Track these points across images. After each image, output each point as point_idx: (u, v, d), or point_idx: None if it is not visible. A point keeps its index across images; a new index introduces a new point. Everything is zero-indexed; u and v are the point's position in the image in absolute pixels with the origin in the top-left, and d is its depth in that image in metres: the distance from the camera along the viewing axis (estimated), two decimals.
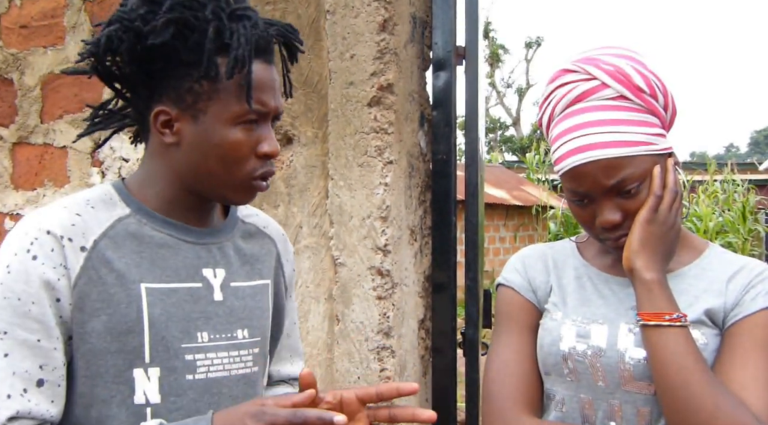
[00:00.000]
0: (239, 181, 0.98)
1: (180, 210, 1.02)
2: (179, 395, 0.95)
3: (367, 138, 1.73)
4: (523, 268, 1.21)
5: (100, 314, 0.92)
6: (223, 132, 0.96)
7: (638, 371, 1.04)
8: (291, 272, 1.20)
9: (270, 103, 0.98)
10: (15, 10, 2.30)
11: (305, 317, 1.85)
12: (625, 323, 1.08)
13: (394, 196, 1.74)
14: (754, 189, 11.10)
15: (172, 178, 1.00)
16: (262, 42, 0.97)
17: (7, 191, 2.34)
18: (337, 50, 1.76)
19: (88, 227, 0.94)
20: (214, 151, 0.96)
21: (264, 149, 0.98)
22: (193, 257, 1.00)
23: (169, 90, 0.96)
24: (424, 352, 1.90)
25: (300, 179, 1.85)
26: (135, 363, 0.93)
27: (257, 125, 0.98)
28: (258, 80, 0.96)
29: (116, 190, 1.01)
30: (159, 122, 0.97)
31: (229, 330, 1.01)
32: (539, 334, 1.15)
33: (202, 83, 0.95)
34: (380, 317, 1.72)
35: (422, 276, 1.89)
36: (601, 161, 1.03)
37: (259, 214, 1.18)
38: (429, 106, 1.93)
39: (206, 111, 0.96)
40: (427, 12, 1.91)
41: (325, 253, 1.81)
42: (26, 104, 2.25)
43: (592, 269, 1.17)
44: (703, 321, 1.05)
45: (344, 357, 1.77)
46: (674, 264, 1.11)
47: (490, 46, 26.70)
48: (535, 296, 1.19)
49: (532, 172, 14.58)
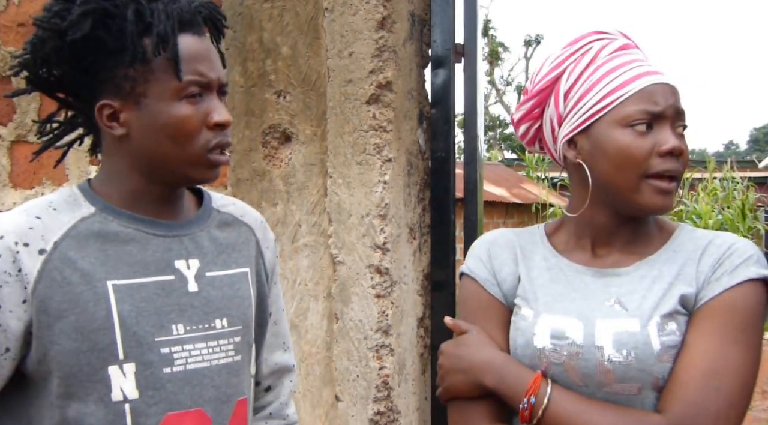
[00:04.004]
0: (195, 156, 0.97)
1: (147, 204, 1.01)
2: (157, 388, 0.94)
3: (365, 136, 1.73)
4: (488, 258, 1.16)
5: (67, 315, 0.91)
6: (167, 110, 0.95)
7: (620, 372, 1.00)
8: (272, 258, 1.18)
9: (208, 73, 0.97)
10: (13, 9, 2.30)
11: (304, 316, 1.84)
12: (600, 319, 1.03)
13: (393, 194, 1.73)
14: (754, 187, 11.09)
15: (132, 171, 1.00)
16: (186, 16, 0.97)
17: (5, 190, 2.34)
18: (335, 48, 1.76)
19: (48, 229, 0.93)
20: (164, 131, 0.96)
21: (214, 118, 0.97)
22: (163, 250, 0.99)
23: (106, 83, 0.96)
24: (423, 350, 1.90)
25: (299, 177, 1.85)
26: (109, 360, 0.92)
27: (202, 97, 0.97)
28: (189, 52, 0.96)
29: (81, 191, 1.00)
30: (104, 117, 0.97)
31: (206, 320, 1.00)
32: (511, 334, 1.11)
33: (135, 68, 0.94)
34: (379, 315, 1.72)
35: (421, 274, 1.89)
36: (669, 86, 1.04)
37: (236, 203, 1.16)
38: (428, 104, 1.93)
39: (146, 94, 0.95)
40: (426, 10, 1.91)
41: (324, 251, 1.81)
42: (24, 103, 2.25)
43: (564, 260, 1.12)
44: (678, 310, 1.01)
45: (343, 356, 1.77)
46: (645, 249, 1.08)
47: (490, 44, 26.69)
48: (500, 289, 1.14)
49: (531, 170, 14.57)
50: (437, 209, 1.91)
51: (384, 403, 1.73)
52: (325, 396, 1.82)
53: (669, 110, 1.03)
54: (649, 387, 1.00)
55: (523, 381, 1.03)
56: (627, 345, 1.00)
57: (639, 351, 0.99)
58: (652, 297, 1.03)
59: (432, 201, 1.92)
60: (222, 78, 1.00)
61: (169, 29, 0.94)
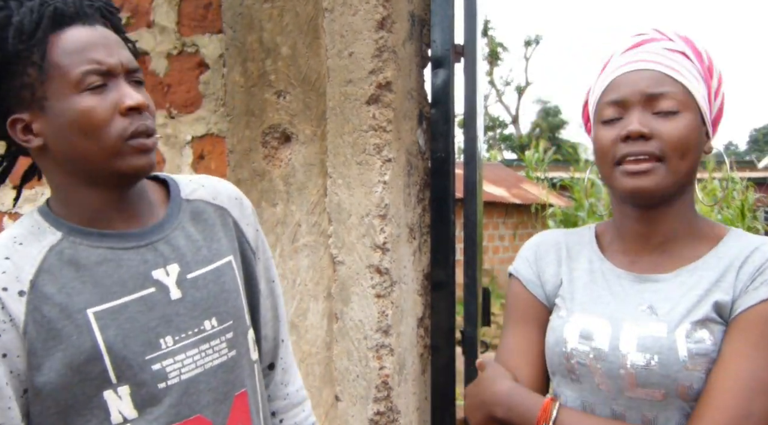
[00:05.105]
0: (113, 147, 0.92)
1: (110, 216, 0.97)
2: (155, 404, 0.93)
3: (365, 136, 1.73)
4: (534, 258, 1.18)
5: (54, 352, 0.88)
6: (70, 106, 0.91)
7: (642, 377, 0.99)
8: (254, 233, 1.14)
9: (106, 59, 0.92)
10: None
11: (304, 316, 1.84)
12: (629, 323, 1.02)
13: (393, 194, 1.74)
14: (753, 187, 11.10)
15: (70, 180, 0.96)
16: (68, 9, 0.92)
17: (5, 190, 2.34)
18: (335, 48, 1.76)
19: (19, 268, 0.90)
20: (74, 127, 0.91)
21: (125, 102, 0.92)
22: (138, 264, 0.96)
23: (8, 98, 0.93)
24: (422, 350, 1.90)
25: (298, 177, 1.85)
26: (103, 386, 0.90)
27: (107, 86, 0.92)
28: (79, 42, 0.91)
29: (42, 215, 0.97)
30: (18, 132, 0.94)
31: (195, 324, 0.98)
32: (547, 333, 1.12)
33: (28, 74, 0.91)
34: (379, 315, 1.72)
35: (421, 274, 1.89)
36: (648, 71, 1.04)
37: (205, 184, 1.11)
38: (427, 104, 1.93)
39: (47, 96, 0.91)
40: (426, 10, 1.91)
41: (324, 251, 1.81)
42: None
43: (607, 263, 1.11)
44: (712, 318, 0.98)
45: (343, 356, 1.77)
46: (690, 254, 1.06)
47: (489, 44, 26.69)
48: (543, 291, 1.15)
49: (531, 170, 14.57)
50: (437, 209, 1.91)
51: (384, 403, 1.73)
52: (325, 395, 1.82)
53: (634, 96, 1.03)
54: (674, 394, 0.98)
55: (532, 408, 1.03)
56: (650, 349, 0.99)
57: (663, 356, 0.98)
58: (685, 303, 1.01)
59: (432, 201, 1.92)
60: (128, 63, 0.95)
61: (32, 25, 0.90)
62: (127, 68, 0.95)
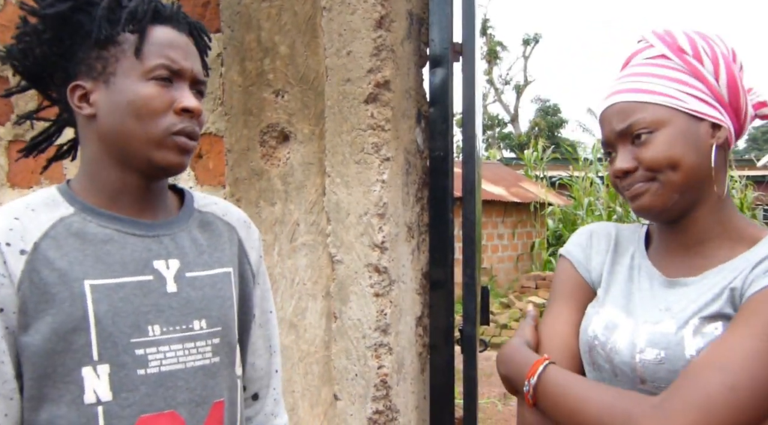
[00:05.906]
0: (158, 137, 0.98)
1: (127, 203, 1.01)
2: (131, 390, 0.94)
3: (363, 135, 1.73)
4: (588, 243, 1.22)
5: (44, 315, 0.90)
6: (134, 88, 0.97)
7: (650, 372, 1.01)
8: (257, 258, 1.17)
9: (181, 61, 1.00)
10: (10, 8, 2.30)
11: (302, 315, 1.84)
12: (645, 319, 1.05)
13: (391, 193, 1.73)
14: (752, 185, 11.12)
15: (102, 157, 1.00)
16: (164, 11, 1.01)
17: (3, 189, 2.34)
18: (333, 47, 1.76)
19: (26, 230, 0.93)
20: (129, 108, 0.97)
21: (182, 103, 0.99)
22: (142, 250, 0.99)
23: (80, 64, 0.99)
24: (421, 349, 1.90)
25: (297, 176, 1.85)
26: (83, 361, 0.91)
27: (172, 83, 0.99)
28: (164, 39, 0.99)
29: (60, 192, 1.00)
30: (76, 97, 1.00)
31: (184, 321, 1.00)
32: (583, 318, 1.15)
33: (108, 49, 0.98)
34: (377, 314, 1.72)
35: (419, 273, 1.89)
36: (616, 105, 1.09)
37: (218, 202, 1.16)
38: (426, 103, 1.92)
39: (116, 73, 0.98)
40: (424, 9, 1.91)
41: (323, 250, 1.81)
42: (22, 102, 2.24)
43: (646, 262, 1.15)
44: (725, 313, 0.98)
45: (342, 355, 1.77)
46: (721, 258, 1.06)
47: (488, 42, 26.69)
48: (589, 275, 1.19)
49: (530, 169, 14.56)
50: (435, 208, 1.91)
51: (382, 402, 1.73)
52: (323, 395, 1.82)
53: (612, 135, 1.09)
54: None
55: (526, 366, 1.07)
56: (659, 345, 1.01)
57: (670, 352, 1.00)
58: (699, 301, 1.02)
59: (430, 200, 1.92)
60: (197, 74, 1.02)
61: (141, 10, 0.98)
62: (194, 77, 1.02)
